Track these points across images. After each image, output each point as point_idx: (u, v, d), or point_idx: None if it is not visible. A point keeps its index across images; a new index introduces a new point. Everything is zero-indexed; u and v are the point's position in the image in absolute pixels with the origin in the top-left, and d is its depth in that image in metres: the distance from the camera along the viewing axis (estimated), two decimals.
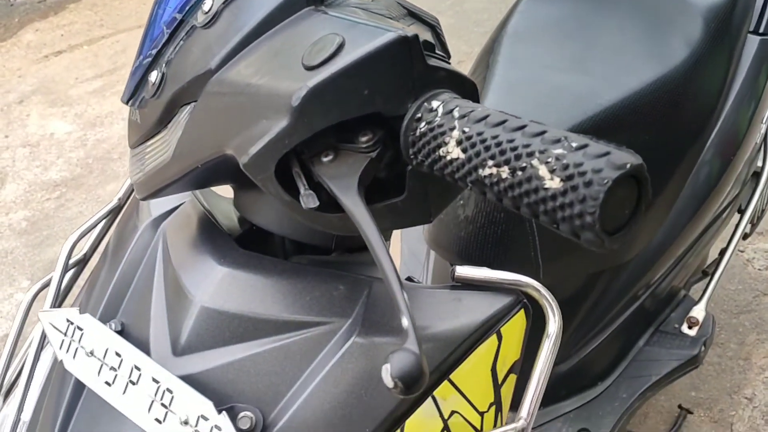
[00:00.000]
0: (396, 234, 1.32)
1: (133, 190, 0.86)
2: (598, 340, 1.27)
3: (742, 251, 2.06)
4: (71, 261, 0.85)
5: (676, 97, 1.15)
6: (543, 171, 0.48)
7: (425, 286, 0.70)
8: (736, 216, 1.49)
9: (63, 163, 2.74)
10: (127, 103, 0.72)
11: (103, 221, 0.87)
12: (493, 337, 0.67)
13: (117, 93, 3.13)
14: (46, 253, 2.35)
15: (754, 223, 1.54)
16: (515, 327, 0.67)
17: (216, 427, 0.60)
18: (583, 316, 1.22)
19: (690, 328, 1.34)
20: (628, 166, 0.46)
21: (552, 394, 1.30)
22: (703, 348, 1.32)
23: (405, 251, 1.36)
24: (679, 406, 1.65)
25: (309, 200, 0.58)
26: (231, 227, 0.77)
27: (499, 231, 1.08)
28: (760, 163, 1.48)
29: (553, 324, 0.66)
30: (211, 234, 0.73)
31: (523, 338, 0.68)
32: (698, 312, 1.35)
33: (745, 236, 1.52)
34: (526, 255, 1.10)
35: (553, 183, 0.47)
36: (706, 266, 1.55)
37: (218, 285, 0.67)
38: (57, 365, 0.76)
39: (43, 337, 0.76)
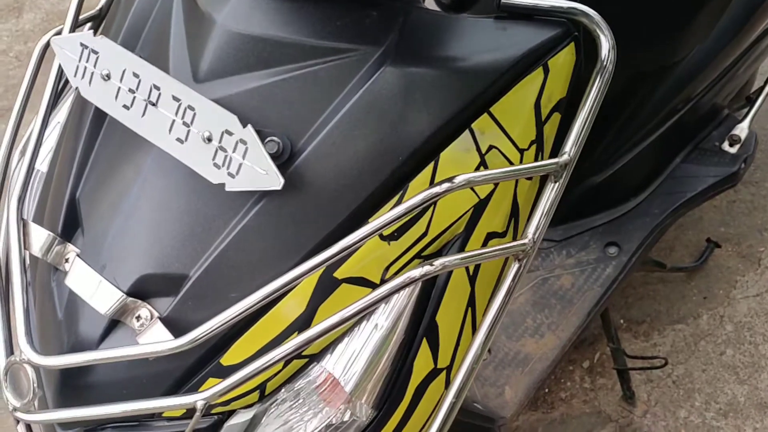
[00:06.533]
0: None
1: None
2: (634, 152, 1.21)
3: None
4: (85, 15, 0.80)
5: None
6: None
7: (468, 16, 0.64)
8: None
9: None
10: None
11: None
12: (539, 70, 0.61)
13: None
14: None
15: None
16: (563, 61, 0.62)
17: (241, 141, 0.56)
18: (621, 123, 1.17)
19: (731, 146, 1.28)
20: None
21: (582, 208, 1.26)
22: (743, 165, 1.26)
23: None
24: (708, 240, 1.62)
25: None
26: None
27: None
28: None
29: (606, 49, 0.60)
30: None
31: (572, 75, 0.63)
32: (741, 130, 1.29)
33: None
34: None
35: None
36: (751, 92, 1.48)
37: (241, 7, 0.62)
38: (74, 107, 0.72)
39: (59, 76, 0.72)
